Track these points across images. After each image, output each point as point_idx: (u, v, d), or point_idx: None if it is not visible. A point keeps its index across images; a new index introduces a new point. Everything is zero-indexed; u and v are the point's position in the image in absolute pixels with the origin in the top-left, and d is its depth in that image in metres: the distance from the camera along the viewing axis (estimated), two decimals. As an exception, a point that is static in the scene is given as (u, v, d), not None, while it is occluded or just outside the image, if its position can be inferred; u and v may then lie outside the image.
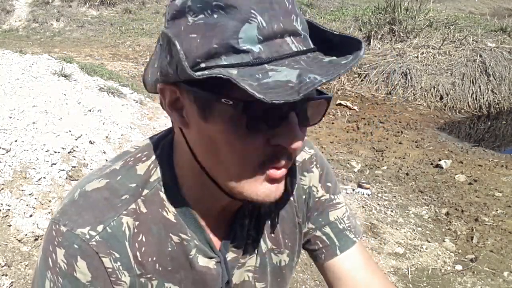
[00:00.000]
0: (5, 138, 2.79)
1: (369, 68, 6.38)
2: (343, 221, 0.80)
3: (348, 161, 4.11)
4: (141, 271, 0.66)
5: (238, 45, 0.49)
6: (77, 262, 0.62)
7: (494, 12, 12.76)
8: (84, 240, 0.62)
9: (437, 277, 2.63)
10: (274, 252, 0.77)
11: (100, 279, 0.63)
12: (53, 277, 0.63)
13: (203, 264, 0.68)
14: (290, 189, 0.74)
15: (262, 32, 0.49)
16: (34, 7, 9.90)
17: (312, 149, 0.81)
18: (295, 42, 0.51)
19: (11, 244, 2.28)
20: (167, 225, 0.66)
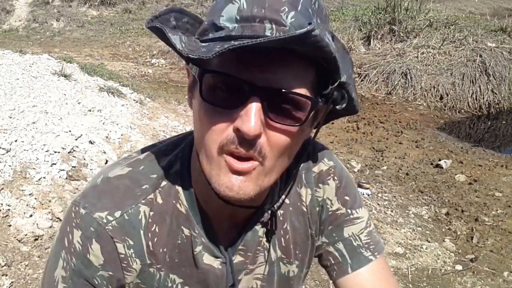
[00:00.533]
0: (5, 138, 2.79)
1: (369, 68, 6.38)
2: (359, 238, 0.77)
3: (348, 161, 4.11)
4: (151, 261, 0.67)
5: (219, 21, 0.53)
6: (92, 244, 0.63)
7: (494, 12, 12.76)
8: (100, 224, 0.63)
9: (437, 277, 2.63)
10: (283, 262, 0.76)
11: (111, 264, 0.64)
12: (67, 257, 0.64)
13: (207, 262, 0.69)
14: (305, 200, 0.75)
15: (241, 13, 0.52)
16: (34, 7, 9.91)
17: (332, 161, 0.78)
18: (275, 30, 0.51)
19: (11, 244, 2.28)
20: (180, 217, 0.68)
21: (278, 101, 0.54)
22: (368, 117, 5.37)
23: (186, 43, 0.54)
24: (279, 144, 0.56)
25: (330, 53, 0.52)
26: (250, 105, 0.53)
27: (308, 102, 0.55)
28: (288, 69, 0.54)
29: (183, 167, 0.69)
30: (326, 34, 0.54)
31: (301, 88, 0.55)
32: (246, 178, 0.57)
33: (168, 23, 0.58)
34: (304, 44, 0.49)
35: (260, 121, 0.54)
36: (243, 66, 0.53)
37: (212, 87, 0.55)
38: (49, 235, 2.40)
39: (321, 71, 0.57)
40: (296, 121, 0.56)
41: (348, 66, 0.63)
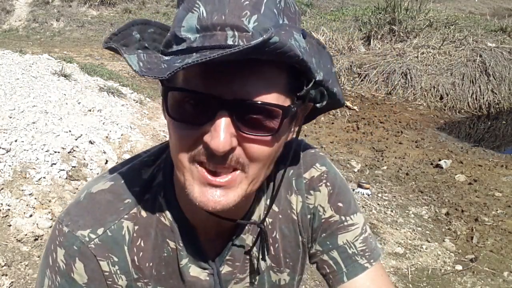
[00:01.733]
0: (5, 138, 2.79)
1: (369, 68, 6.38)
2: (354, 245, 0.74)
3: (348, 161, 4.11)
4: (138, 275, 0.67)
5: (180, 33, 0.51)
6: (75, 263, 0.63)
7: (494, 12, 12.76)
8: (83, 242, 0.63)
9: (437, 277, 2.63)
10: (273, 270, 0.75)
11: (96, 282, 0.64)
12: (51, 276, 0.64)
13: (194, 274, 0.68)
14: (295, 208, 0.73)
15: (201, 22, 0.50)
16: (34, 7, 9.90)
17: (324, 166, 0.75)
18: (237, 37, 0.49)
19: (11, 244, 2.28)
20: (164, 230, 0.67)
21: (247, 112, 0.52)
22: (368, 117, 5.37)
23: (145, 61, 0.52)
24: (257, 155, 0.55)
25: (296, 56, 0.50)
26: (218, 120, 0.51)
27: (279, 111, 0.53)
28: (256, 78, 0.52)
29: (165, 178, 0.67)
30: (293, 34, 0.51)
31: (272, 95, 0.53)
32: (225, 191, 0.56)
33: (131, 38, 0.56)
34: (265, 53, 0.47)
35: (231, 135, 0.52)
36: (209, 80, 0.51)
37: (178, 103, 0.53)
38: (49, 235, 2.40)
39: (293, 73, 0.55)
40: (270, 131, 0.54)
41: (325, 61, 0.61)
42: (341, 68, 6.47)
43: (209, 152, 0.53)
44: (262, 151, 0.55)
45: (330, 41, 7.20)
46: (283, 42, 0.47)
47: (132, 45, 0.56)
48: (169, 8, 10.92)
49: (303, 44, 0.53)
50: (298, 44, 0.51)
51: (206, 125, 0.52)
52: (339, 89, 0.64)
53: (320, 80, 0.58)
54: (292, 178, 0.74)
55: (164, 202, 0.66)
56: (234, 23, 0.49)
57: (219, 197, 0.55)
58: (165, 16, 10.28)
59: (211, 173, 0.55)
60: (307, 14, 10.11)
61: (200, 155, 0.54)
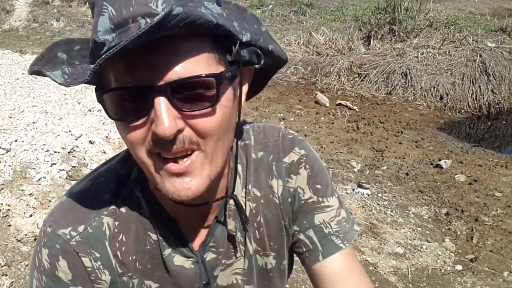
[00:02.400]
0: (5, 138, 2.79)
1: (369, 68, 6.38)
2: (330, 225, 0.75)
3: (348, 161, 4.11)
4: (123, 270, 0.68)
5: (98, 38, 0.52)
6: (59, 261, 0.64)
7: (494, 12, 12.75)
8: (65, 240, 0.65)
9: (437, 277, 2.63)
10: (260, 254, 0.76)
11: (80, 278, 0.65)
12: (38, 276, 0.66)
13: (178, 263, 0.69)
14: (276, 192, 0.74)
15: (113, 21, 0.50)
16: (34, 7, 9.91)
17: (303, 150, 0.77)
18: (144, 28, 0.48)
19: (11, 244, 2.28)
20: (144, 223, 0.68)
21: (182, 91, 0.53)
22: (368, 117, 5.37)
23: (71, 73, 0.52)
24: (206, 128, 0.55)
25: (208, 22, 0.50)
26: (157, 107, 0.52)
27: (211, 79, 0.54)
28: (179, 55, 0.52)
29: (139, 172, 0.68)
30: (203, 3, 0.52)
31: (200, 66, 0.53)
32: (191, 176, 0.56)
33: (56, 60, 0.56)
34: (171, 28, 0.47)
35: (174, 117, 0.53)
36: (135, 71, 0.51)
37: (117, 103, 0.54)
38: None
39: (217, 40, 0.55)
40: (210, 101, 0.54)
41: (251, 22, 0.61)
42: (341, 68, 6.47)
43: (159, 140, 0.53)
44: (210, 123, 0.55)
45: (330, 41, 7.20)
46: (188, 12, 0.47)
47: (59, 66, 0.56)
48: (169, 8, 10.90)
49: (217, 10, 0.54)
50: (210, 11, 0.52)
51: (148, 115, 0.53)
52: (277, 46, 0.64)
53: (248, 41, 0.58)
54: (272, 163, 0.75)
55: (141, 196, 0.68)
56: (144, 11, 0.49)
57: (187, 184, 0.56)
58: (165, 16, 10.27)
59: (172, 160, 0.55)
60: (307, 14, 10.11)
61: (154, 146, 0.55)
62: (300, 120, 5.10)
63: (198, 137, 0.55)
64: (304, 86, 6.28)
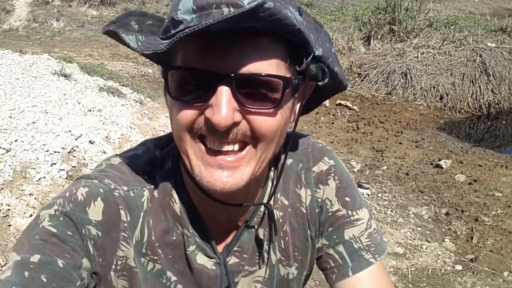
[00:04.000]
0: (5, 138, 2.79)
1: (369, 68, 6.38)
2: (360, 240, 0.74)
3: (348, 161, 4.11)
4: (146, 250, 0.66)
5: (177, 16, 0.52)
6: (96, 201, 0.61)
7: (494, 12, 12.75)
8: (109, 189, 0.62)
9: (437, 277, 2.63)
10: (283, 264, 0.74)
11: (108, 227, 0.61)
12: (62, 202, 0.61)
13: (200, 262, 0.68)
14: (304, 201, 0.73)
15: (196, 3, 0.50)
16: (34, 7, 9.90)
17: (332, 160, 0.76)
18: (233, 12, 0.48)
19: (11, 244, 2.28)
20: (174, 215, 0.67)
21: (248, 85, 0.52)
22: (368, 117, 5.37)
23: (143, 41, 0.53)
24: (263, 128, 0.55)
25: (292, 25, 0.50)
26: (219, 95, 0.51)
27: (279, 82, 0.53)
28: (255, 50, 0.52)
29: (174, 165, 0.68)
30: (289, 7, 0.51)
31: (272, 66, 0.53)
32: (232, 172, 0.56)
33: (129, 27, 0.57)
34: (259, 19, 0.47)
35: (234, 109, 0.52)
36: (207, 56, 0.51)
37: (179, 83, 0.54)
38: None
39: (292, 47, 0.55)
40: (273, 102, 0.54)
41: (324, 40, 0.61)
42: (341, 68, 6.47)
43: (211, 128, 0.53)
44: (267, 124, 0.55)
45: (330, 41, 7.20)
46: (278, 9, 0.47)
47: (131, 32, 0.57)
48: (169, 7, 10.91)
49: (299, 18, 0.53)
50: (294, 16, 0.51)
51: (207, 101, 0.52)
52: (341, 70, 0.64)
53: (320, 56, 0.57)
54: (301, 171, 0.74)
55: (174, 187, 0.67)
56: (229, 0, 0.49)
57: (226, 177, 0.55)
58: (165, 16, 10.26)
59: (214, 152, 0.55)
60: (307, 14, 10.08)
61: (202, 130, 0.54)
62: (300, 120, 5.10)
63: (252, 135, 0.55)
64: (304, 86, 6.28)
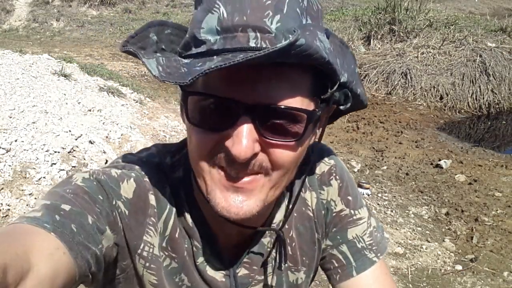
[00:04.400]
0: (5, 138, 2.79)
1: (369, 68, 6.38)
2: (363, 239, 0.74)
3: (348, 161, 4.11)
4: (167, 246, 0.65)
5: (199, 34, 0.50)
6: (129, 181, 0.61)
7: (494, 12, 12.76)
8: (139, 176, 0.62)
9: (437, 277, 2.63)
10: (291, 270, 0.74)
11: (134, 207, 0.61)
12: (96, 172, 0.60)
13: (211, 274, 0.67)
14: (310, 205, 0.72)
15: (221, 23, 0.48)
16: (34, 7, 9.91)
17: (332, 160, 0.75)
18: (260, 39, 0.47)
19: (11, 244, 2.28)
20: (184, 224, 0.65)
21: (271, 117, 0.51)
22: (368, 117, 5.37)
23: (164, 65, 0.50)
24: (281, 161, 0.54)
25: (322, 58, 0.48)
26: (240, 125, 0.50)
27: (304, 116, 0.52)
28: (279, 81, 0.50)
29: (185, 175, 0.66)
30: (318, 35, 0.49)
31: (296, 98, 0.51)
32: (247, 196, 0.54)
33: (148, 40, 0.55)
34: (290, 56, 0.45)
35: (254, 140, 0.51)
36: (230, 83, 0.49)
37: (199, 108, 0.52)
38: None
39: (317, 75, 0.53)
40: (294, 136, 0.53)
41: (350, 62, 0.59)
42: (341, 68, 6.47)
43: (230, 158, 0.51)
44: (287, 156, 0.54)
45: (330, 41, 7.20)
46: (309, 44, 0.46)
47: (150, 47, 0.55)
48: (169, 8, 10.92)
49: (327, 45, 0.52)
50: (323, 45, 0.50)
51: (227, 130, 0.51)
52: (362, 90, 0.63)
53: (345, 82, 0.56)
54: (304, 174, 0.73)
55: (185, 197, 0.65)
56: (256, 24, 0.47)
57: (241, 203, 0.54)
58: (165, 16, 10.28)
59: (232, 178, 0.53)
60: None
61: (221, 160, 0.53)
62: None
63: (269, 165, 0.53)
64: (304, 86, 6.29)
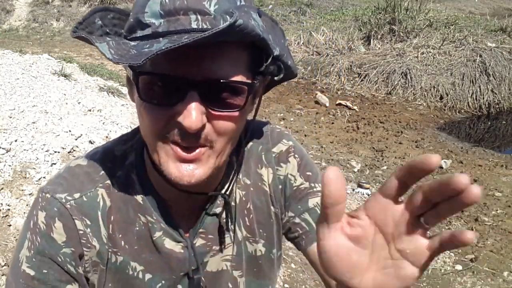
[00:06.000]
0: (5, 138, 2.79)
1: (369, 68, 6.38)
2: None
3: (348, 161, 4.11)
4: (109, 245, 0.70)
5: (144, 19, 0.54)
6: (55, 223, 0.66)
7: (494, 12, 12.75)
8: (61, 203, 0.67)
9: (437, 277, 2.63)
10: (249, 241, 0.78)
11: (73, 240, 0.67)
12: (31, 237, 0.67)
13: (169, 247, 0.71)
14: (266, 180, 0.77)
15: (163, 7, 0.52)
16: (34, 7, 9.90)
17: (291, 141, 0.81)
18: (200, 21, 0.52)
19: (11, 244, 2.28)
20: (136, 205, 0.70)
21: (216, 91, 0.56)
22: (368, 117, 5.37)
23: (115, 48, 0.54)
24: (225, 130, 0.59)
25: (258, 35, 0.54)
26: (189, 100, 0.54)
27: (245, 88, 0.57)
28: (222, 58, 0.55)
29: (137, 158, 0.71)
30: (252, 14, 0.55)
31: (237, 73, 0.56)
32: (197, 165, 0.59)
33: (94, 25, 0.60)
34: (231, 35, 0.50)
35: (202, 113, 0.55)
36: (177, 62, 0.54)
37: (149, 85, 0.56)
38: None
39: (254, 50, 0.58)
40: (237, 107, 0.58)
41: (280, 37, 0.65)
42: (341, 68, 6.46)
43: (182, 131, 0.56)
44: (229, 126, 0.59)
45: (330, 41, 7.20)
46: (246, 23, 0.51)
47: (96, 31, 0.60)
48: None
49: (260, 23, 0.57)
50: (257, 23, 0.55)
51: (177, 105, 0.55)
52: (292, 61, 0.69)
53: (278, 55, 0.61)
54: (262, 153, 0.79)
55: (137, 179, 0.70)
56: (197, 7, 0.52)
57: (192, 171, 0.59)
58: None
59: (184, 149, 0.58)
60: (307, 14, 10.11)
61: (173, 135, 0.57)
62: (300, 120, 5.10)
63: (214, 135, 0.59)
64: (304, 86, 6.28)
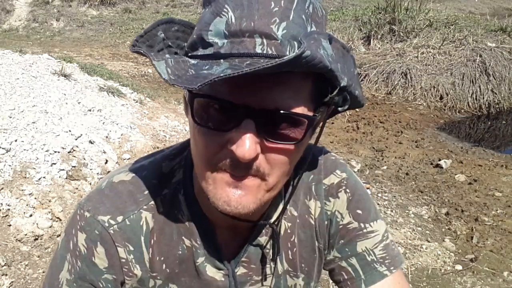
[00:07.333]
0: (5, 138, 2.79)
1: (369, 68, 6.38)
2: (373, 252, 0.73)
3: (348, 161, 4.11)
4: (151, 268, 0.67)
5: (207, 37, 0.51)
6: (97, 247, 0.64)
7: (494, 12, 12.75)
8: (104, 227, 0.64)
9: (437, 277, 2.63)
10: (290, 275, 0.75)
11: (115, 268, 0.65)
12: (71, 260, 0.65)
13: (210, 274, 0.68)
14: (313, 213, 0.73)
15: (229, 27, 0.49)
16: (34, 7, 9.90)
17: (345, 173, 0.75)
18: (266, 45, 0.49)
19: (11, 244, 2.28)
20: (181, 227, 0.67)
21: (274, 122, 0.52)
22: (368, 117, 5.37)
23: (173, 67, 0.51)
24: (279, 163, 0.55)
25: (325, 67, 0.50)
26: (245, 128, 0.51)
27: (305, 121, 0.53)
28: (283, 87, 0.51)
29: (185, 176, 0.68)
30: (322, 42, 0.51)
31: (298, 104, 0.53)
32: (246, 192, 0.55)
33: (156, 39, 0.57)
34: (296, 66, 0.47)
35: (256, 143, 0.52)
36: (236, 88, 0.50)
37: (204, 109, 0.53)
38: (49, 235, 2.40)
39: (319, 80, 0.55)
40: (294, 140, 0.54)
41: (350, 65, 0.61)
42: (341, 68, 6.46)
43: (233, 160, 0.53)
44: (284, 159, 0.55)
45: (330, 41, 7.20)
46: (314, 55, 0.47)
47: (157, 45, 0.57)
48: (169, 8, 10.91)
49: (330, 51, 0.53)
50: (326, 52, 0.51)
51: (231, 132, 0.52)
52: (360, 91, 0.64)
53: (344, 86, 0.57)
54: (312, 183, 0.74)
55: (184, 199, 0.67)
56: (263, 30, 0.49)
57: (240, 197, 0.55)
58: (165, 15, 10.28)
59: (233, 176, 0.55)
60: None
61: (224, 162, 0.54)
62: (300, 120, 5.10)
63: (267, 167, 0.55)
64: (304, 86, 6.28)
